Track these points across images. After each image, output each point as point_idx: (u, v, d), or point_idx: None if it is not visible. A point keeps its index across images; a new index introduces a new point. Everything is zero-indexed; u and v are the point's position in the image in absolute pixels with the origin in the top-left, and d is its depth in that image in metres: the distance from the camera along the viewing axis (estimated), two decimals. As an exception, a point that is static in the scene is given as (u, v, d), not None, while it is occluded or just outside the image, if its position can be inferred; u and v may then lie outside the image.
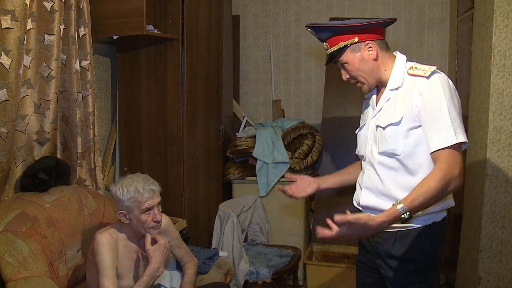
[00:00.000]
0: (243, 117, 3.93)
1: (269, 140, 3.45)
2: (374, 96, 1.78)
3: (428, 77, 1.55)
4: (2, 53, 1.88)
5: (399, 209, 1.46)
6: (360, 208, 1.77)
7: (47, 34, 2.12)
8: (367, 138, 1.74)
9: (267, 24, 4.10)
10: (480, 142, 2.55)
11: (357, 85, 1.74)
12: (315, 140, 3.51)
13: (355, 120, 1.93)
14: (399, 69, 1.66)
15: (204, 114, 3.16)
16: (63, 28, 2.20)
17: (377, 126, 1.67)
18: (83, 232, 2.12)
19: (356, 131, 1.85)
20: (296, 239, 3.44)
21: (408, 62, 1.68)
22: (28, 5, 1.98)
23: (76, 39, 2.31)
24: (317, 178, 1.96)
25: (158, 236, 1.88)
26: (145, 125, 2.90)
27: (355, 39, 1.64)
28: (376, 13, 3.84)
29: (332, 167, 3.55)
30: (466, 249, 2.73)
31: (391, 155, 1.62)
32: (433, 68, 1.57)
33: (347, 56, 1.67)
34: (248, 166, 3.55)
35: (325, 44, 1.71)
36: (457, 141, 1.49)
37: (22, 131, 2.09)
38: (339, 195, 3.29)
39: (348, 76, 1.72)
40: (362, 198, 1.73)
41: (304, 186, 1.92)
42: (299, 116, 4.05)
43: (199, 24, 3.03)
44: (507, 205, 2.46)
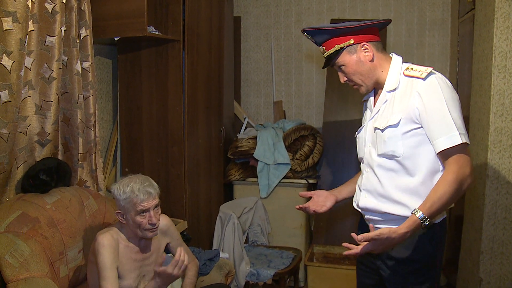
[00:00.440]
0: (244, 118, 3.93)
1: (270, 141, 3.45)
2: (372, 98, 1.78)
3: (425, 79, 1.56)
4: (4, 55, 1.89)
5: (419, 218, 1.48)
6: (360, 210, 1.78)
7: (49, 36, 2.13)
8: (366, 141, 1.75)
9: (268, 26, 4.10)
10: (481, 144, 2.54)
11: (355, 87, 1.74)
12: (316, 142, 3.51)
13: (356, 122, 1.94)
14: (396, 71, 1.66)
15: (205, 115, 3.17)
16: (65, 30, 2.21)
17: (375, 128, 1.67)
18: (84, 233, 2.12)
19: (355, 134, 1.85)
20: (297, 241, 3.44)
21: (404, 63, 1.68)
22: (30, 7, 1.99)
23: (77, 41, 2.32)
24: (332, 191, 1.94)
25: (181, 250, 1.77)
26: (146, 126, 2.90)
27: (351, 41, 1.65)
28: (377, 14, 3.83)
29: (333, 169, 3.55)
30: (467, 251, 2.72)
31: (391, 157, 1.62)
32: (429, 69, 1.57)
33: (344, 58, 1.67)
34: (249, 167, 3.55)
35: (322, 48, 1.72)
36: (462, 141, 1.50)
37: (23, 132, 2.09)
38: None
39: (346, 79, 1.72)
40: (361, 200, 1.73)
41: (322, 200, 1.90)
42: (300, 118, 4.05)
43: (200, 25, 3.03)
44: (508, 207, 2.46)
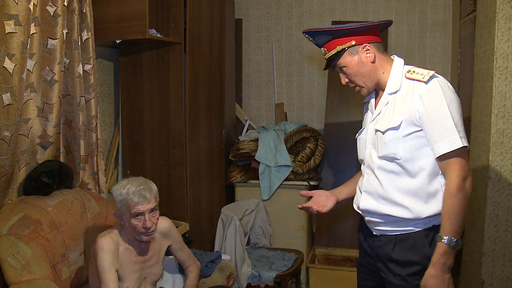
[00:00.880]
0: (246, 121, 3.94)
1: (272, 144, 3.45)
2: (373, 100, 1.77)
3: (427, 82, 1.55)
4: (6, 58, 1.90)
5: (446, 242, 1.50)
6: (360, 212, 1.78)
7: (50, 39, 2.13)
8: (366, 142, 1.74)
9: (270, 28, 4.11)
10: (483, 145, 2.54)
11: (356, 89, 1.73)
12: (318, 144, 3.51)
13: (358, 123, 1.93)
14: (397, 73, 1.66)
15: (207, 118, 3.17)
16: (66, 32, 2.21)
17: (376, 130, 1.67)
18: (86, 235, 2.13)
19: (356, 136, 1.85)
20: (299, 242, 3.43)
21: (406, 66, 1.67)
22: (32, 10, 1.99)
23: (79, 43, 2.33)
24: (333, 191, 1.94)
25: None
26: (148, 129, 2.91)
27: (352, 42, 1.64)
28: (379, 16, 3.83)
29: (335, 170, 3.55)
30: (469, 253, 2.72)
31: (391, 159, 1.62)
32: (432, 73, 1.57)
33: (345, 60, 1.67)
34: (251, 170, 3.55)
35: (323, 49, 1.71)
36: (462, 145, 1.50)
37: (25, 135, 2.10)
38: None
39: (347, 80, 1.72)
40: (362, 202, 1.73)
41: (324, 201, 1.90)
42: (302, 119, 4.05)
43: (202, 28, 3.04)
44: (510, 208, 2.45)
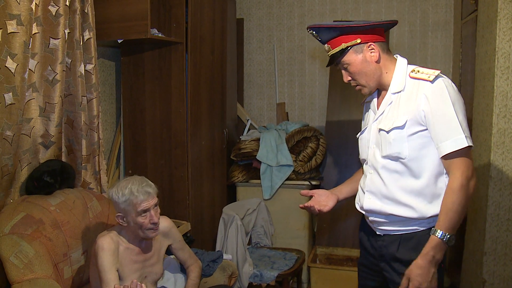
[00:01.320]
0: (247, 120, 3.94)
1: (273, 143, 3.46)
2: (375, 100, 1.77)
3: (433, 81, 1.55)
4: (8, 57, 1.90)
5: (439, 236, 1.50)
6: (364, 212, 1.77)
7: (52, 38, 2.14)
8: (369, 142, 1.74)
9: (271, 27, 4.11)
10: (484, 145, 2.54)
11: (357, 88, 1.72)
12: (319, 143, 3.51)
13: (359, 123, 1.93)
14: (401, 72, 1.65)
15: (208, 117, 3.17)
16: (68, 32, 2.22)
17: (380, 130, 1.66)
18: (88, 235, 2.13)
19: (357, 135, 1.84)
20: (300, 242, 3.44)
21: (409, 65, 1.67)
22: (34, 10, 2.00)
23: (81, 43, 2.33)
24: (333, 190, 1.94)
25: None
26: (150, 128, 2.91)
27: (358, 40, 1.63)
28: (380, 16, 3.84)
29: (336, 170, 3.55)
30: (471, 252, 2.72)
31: (396, 159, 1.62)
32: (437, 72, 1.57)
33: (349, 57, 1.65)
34: (252, 169, 3.55)
35: (327, 46, 1.70)
36: (467, 145, 1.50)
37: (27, 135, 2.11)
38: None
39: (350, 78, 1.71)
40: (366, 202, 1.72)
41: (324, 200, 1.89)
42: (303, 119, 4.05)
43: (203, 28, 3.04)
44: (512, 208, 2.46)
